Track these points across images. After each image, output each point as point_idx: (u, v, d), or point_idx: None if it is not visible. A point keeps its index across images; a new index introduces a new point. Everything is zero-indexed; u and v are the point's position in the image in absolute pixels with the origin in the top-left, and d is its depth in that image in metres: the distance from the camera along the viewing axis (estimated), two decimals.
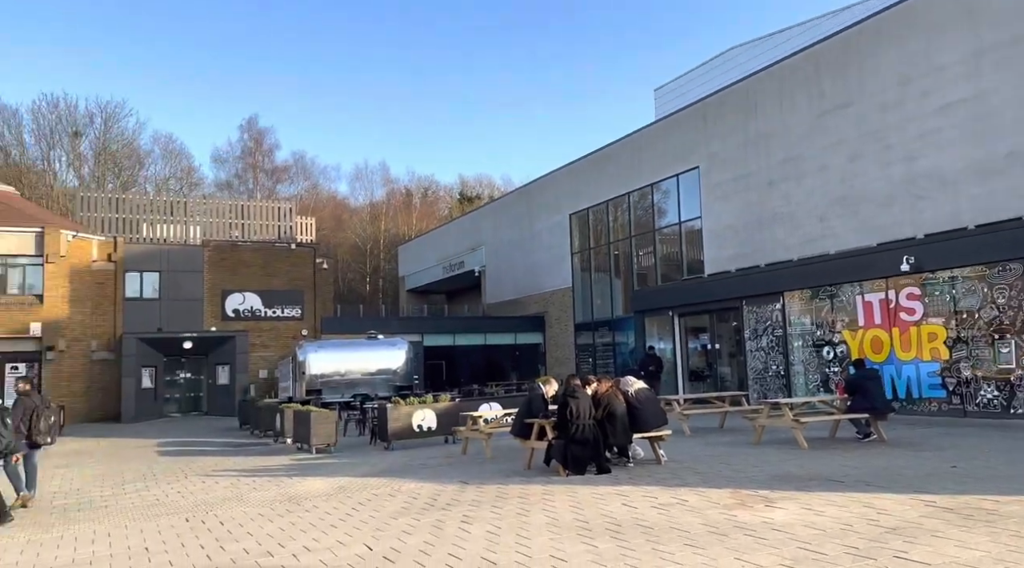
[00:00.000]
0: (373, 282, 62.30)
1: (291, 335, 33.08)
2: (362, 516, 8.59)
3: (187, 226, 36.67)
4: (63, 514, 9.75)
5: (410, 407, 15.65)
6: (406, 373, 27.17)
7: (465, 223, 45.50)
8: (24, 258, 28.59)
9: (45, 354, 28.24)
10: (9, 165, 48.19)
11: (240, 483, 11.77)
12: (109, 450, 18.32)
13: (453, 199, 71.35)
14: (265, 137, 63.75)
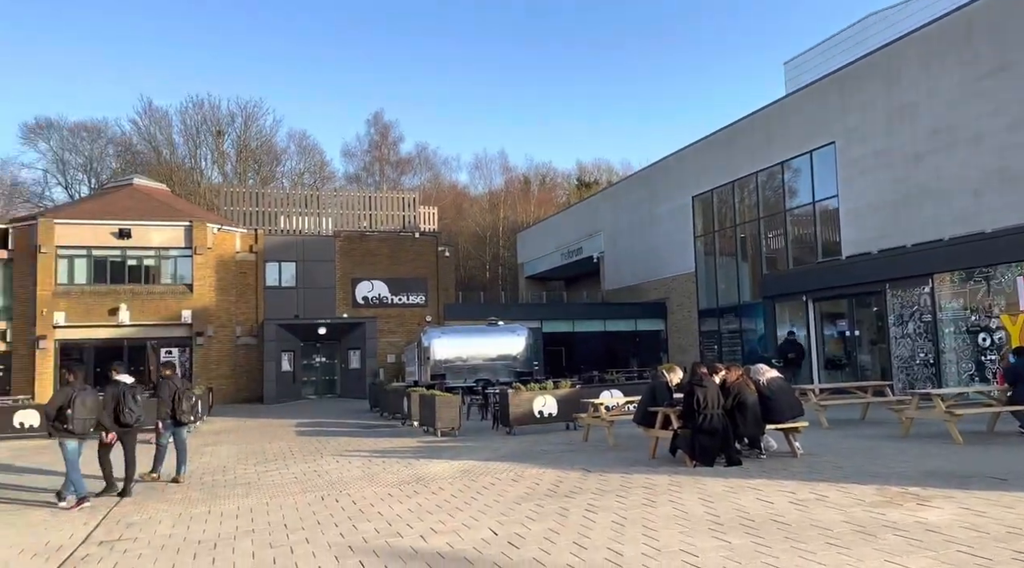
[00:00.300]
0: (492, 269, 63.13)
1: (416, 321, 34.09)
2: (486, 500, 8.63)
3: (320, 218, 38.52)
4: (211, 490, 10.41)
5: (531, 393, 15.66)
6: (526, 359, 27.32)
7: (583, 209, 45.14)
8: (175, 250, 30.96)
9: (195, 339, 30.51)
10: (161, 164, 52.30)
11: (371, 463, 12.17)
12: (252, 429, 19.51)
13: (571, 185, 71.04)
14: (390, 130, 65.90)
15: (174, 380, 11.75)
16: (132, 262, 30.59)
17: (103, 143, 57.81)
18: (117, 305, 29.40)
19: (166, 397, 11.46)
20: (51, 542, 7.49)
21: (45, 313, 28.49)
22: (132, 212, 31.07)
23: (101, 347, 29.57)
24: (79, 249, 29.72)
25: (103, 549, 7.13)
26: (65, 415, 9.48)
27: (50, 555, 6.95)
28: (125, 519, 8.52)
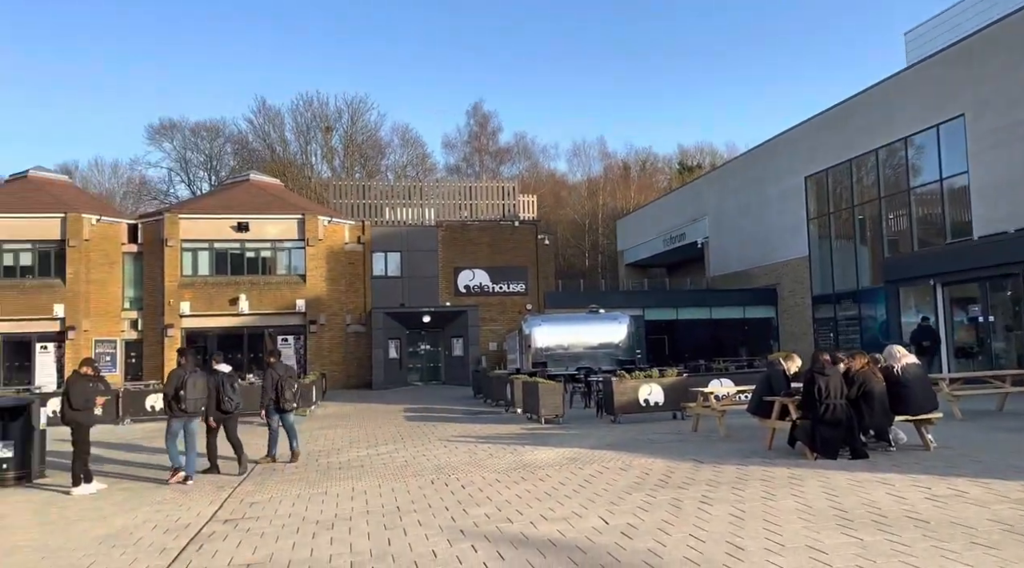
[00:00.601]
0: (592, 257, 62.61)
1: (517, 309, 34.21)
2: (595, 488, 8.48)
3: (423, 208, 39.29)
4: (326, 472, 10.74)
5: (636, 381, 15.34)
6: (628, 347, 26.93)
7: (686, 193, 43.97)
8: (289, 242, 32.31)
9: (309, 327, 31.79)
10: (274, 160, 54.77)
11: (477, 449, 12.25)
12: (363, 414, 20.12)
13: (672, 170, 69.42)
14: (489, 121, 66.43)
15: (277, 369, 12.17)
16: (250, 254, 32.17)
17: (221, 142, 61.20)
18: (237, 295, 31.00)
19: (268, 385, 11.94)
20: (180, 519, 7.90)
21: (172, 303, 30.40)
22: (249, 206, 32.64)
23: (223, 335, 31.29)
24: (202, 242, 31.50)
25: (228, 527, 7.45)
26: (179, 396, 10.14)
27: (179, 532, 7.32)
28: (248, 499, 8.90)
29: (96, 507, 8.65)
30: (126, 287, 31.61)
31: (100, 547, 6.77)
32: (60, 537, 7.16)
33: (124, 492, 9.61)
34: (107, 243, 31.13)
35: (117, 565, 6.17)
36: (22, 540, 7.14)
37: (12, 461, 10.30)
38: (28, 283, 29.68)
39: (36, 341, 29.55)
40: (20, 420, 10.46)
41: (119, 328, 31.11)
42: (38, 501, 9.18)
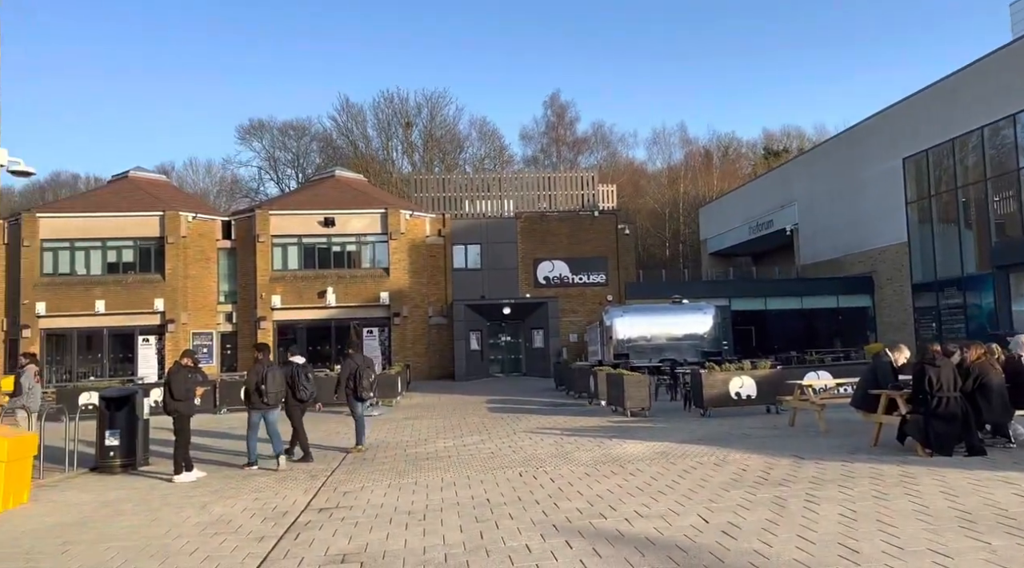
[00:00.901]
0: (673, 246, 61.36)
1: (597, 300, 33.83)
2: (689, 484, 8.18)
3: (501, 200, 39.34)
4: (415, 462, 10.80)
5: (727, 373, 14.83)
6: (714, 338, 26.18)
7: (773, 178, 42.43)
8: (373, 236, 32.93)
9: (393, 319, 32.35)
10: (357, 157, 56.00)
11: (563, 441, 12.09)
12: (447, 405, 20.28)
13: (757, 155, 67.21)
14: (567, 111, 65.92)
15: (355, 358, 12.42)
16: (336, 248, 32.95)
17: (307, 140, 63.04)
18: (324, 288, 31.83)
19: (345, 375, 12.24)
20: (277, 507, 8.06)
21: (264, 296, 31.47)
22: (335, 202, 33.43)
23: (311, 327, 32.22)
24: (291, 237, 32.48)
25: (323, 516, 7.54)
26: (261, 389, 10.57)
27: (276, 520, 7.46)
28: (341, 488, 9.02)
29: (197, 494, 8.94)
30: (221, 281, 32.91)
31: (202, 534, 6.95)
32: (164, 524, 7.41)
33: (223, 480, 9.91)
34: (203, 239, 32.48)
35: (219, 552, 6.31)
36: (128, 526, 7.42)
37: (119, 449, 10.79)
38: (130, 278, 31.28)
39: (138, 334, 31.13)
40: (125, 410, 10.94)
41: (215, 321, 32.45)
42: (143, 488, 9.57)
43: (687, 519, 6.65)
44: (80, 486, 9.74)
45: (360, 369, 12.22)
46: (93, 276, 31.11)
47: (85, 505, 8.44)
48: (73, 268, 31.15)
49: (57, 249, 30.98)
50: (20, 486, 8.40)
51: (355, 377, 12.14)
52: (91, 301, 30.38)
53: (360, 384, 12.13)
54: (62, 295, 30.32)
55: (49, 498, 8.88)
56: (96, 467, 10.88)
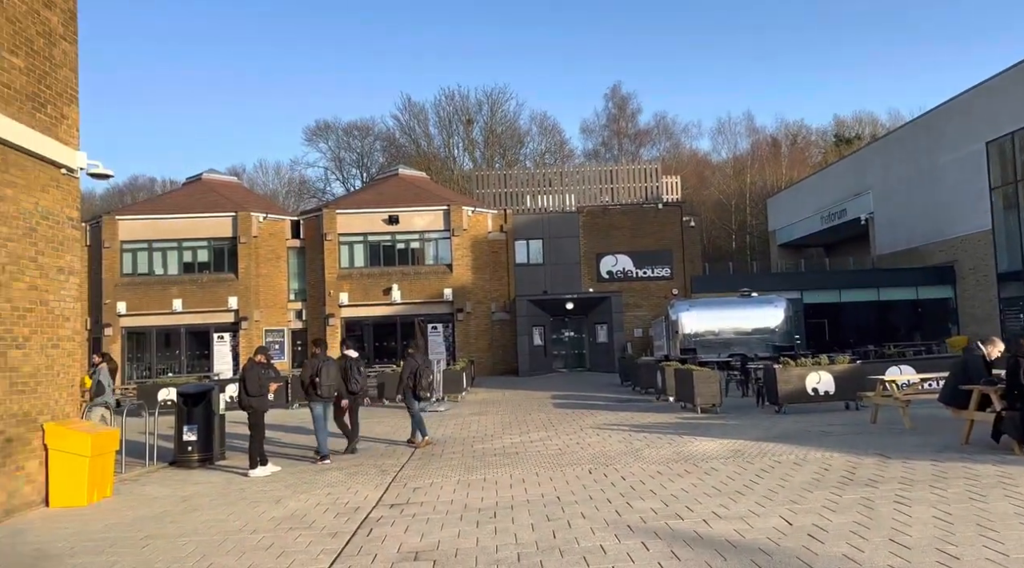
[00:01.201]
0: (739, 238, 59.93)
1: (662, 294, 33.27)
2: (768, 484, 7.86)
3: (563, 195, 39.06)
4: (482, 458, 10.75)
5: (803, 368, 14.31)
6: (786, 332, 25.41)
7: (846, 166, 40.91)
8: (436, 233, 33.17)
9: (456, 315, 32.52)
10: (420, 155, 56.52)
11: (632, 438, 11.85)
12: (512, 400, 20.23)
13: (827, 143, 65.00)
14: (628, 103, 65.07)
15: (416, 358, 12.70)
16: (400, 246, 33.33)
17: (371, 140, 64.00)
18: (389, 285, 32.23)
19: (406, 373, 12.52)
20: (349, 502, 8.10)
21: (332, 294, 32.06)
22: (398, 200, 33.80)
23: (378, 323, 32.67)
24: (356, 236, 32.99)
25: (394, 512, 7.55)
26: (315, 382, 11.01)
27: (349, 515, 7.49)
28: (410, 484, 9.02)
29: (271, 489, 9.09)
30: (291, 280, 33.70)
31: (277, 529, 7.03)
32: (240, 519, 7.53)
33: (296, 474, 10.06)
34: (273, 239, 33.30)
35: (293, 548, 6.35)
36: (206, 520, 7.57)
37: (196, 444, 11.08)
38: (205, 278, 32.32)
39: (213, 331, 32.13)
40: (201, 406, 11.22)
41: (286, 318, 33.25)
42: (219, 482, 9.79)
43: (769, 521, 6.37)
44: (159, 480, 10.04)
45: (420, 368, 12.54)
46: (170, 276, 32.27)
47: (164, 499, 8.67)
48: (151, 268, 32.38)
49: (136, 250, 32.23)
50: (104, 480, 8.68)
51: (415, 376, 12.42)
52: (168, 300, 31.51)
53: (419, 383, 12.38)
54: (141, 294, 31.54)
55: (131, 492, 9.17)
56: (175, 461, 11.21)
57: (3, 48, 7.81)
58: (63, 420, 8.58)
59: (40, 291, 8.33)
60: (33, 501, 8.11)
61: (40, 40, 8.45)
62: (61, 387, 8.65)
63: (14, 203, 7.94)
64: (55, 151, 8.60)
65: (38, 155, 8.31)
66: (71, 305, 8.87)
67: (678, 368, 16.81)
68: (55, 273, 8.62)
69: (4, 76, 7.82)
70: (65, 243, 8.84)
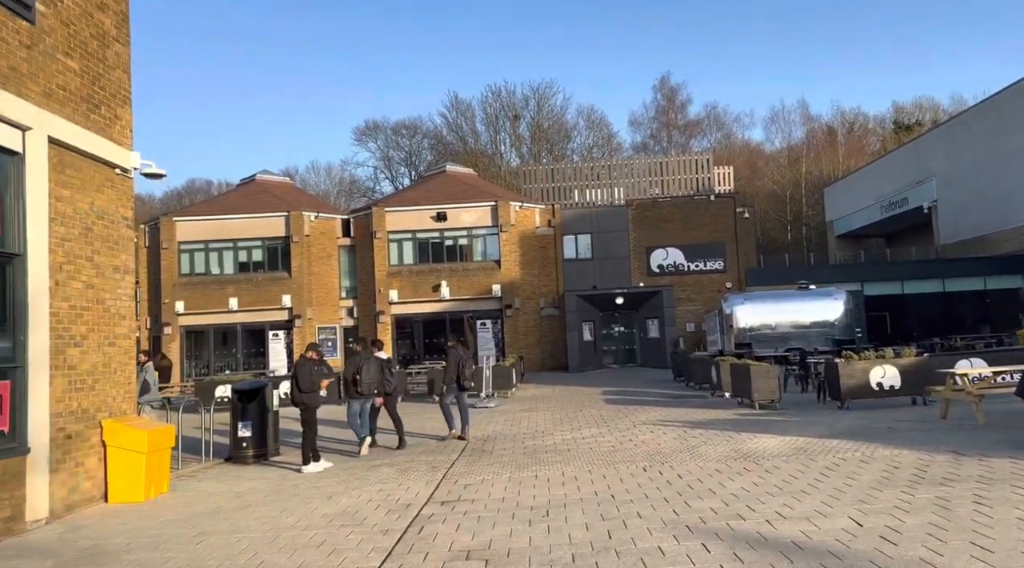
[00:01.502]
0: (795, 230, 58.43)
1: (715, 288, 32.60)
2: (834, 483, 7.50)
3: (612, 188, 38.59)
4: (533, 454, 10.58)
5: (867, 362, 13.74)
6: (846, 325, 24.59)
7: (907, 153, 39.45)
8: (483, 229, 33.13)
9: (505, 311, 32.44)
10: (467, 152, 56.67)
11: (687, 435, 11.54)
12: (562, 396, 20.02)
13: (886, 130, 62.89)
14: (677, 93, 64.10)
15: (458, 349, 12.90)
16: (448, 242, 33.40)
17: (419, 138, 64.46)
18: (438, 282, 32.34)
19: (452, 365, 12.67)
20: (400, 499, 8.02)
21: (382, 291, 32.33)
22: (446, 197, 33.87)
23: (427, 320, 32.83)
24: (405, 233, 33.18)
25: (445, 509, 7.43)
26: (356, 379, 11.28)
27: (400, 512, 7.40)
28: (461, 480, 8.91)
29: (324, 485, 9.08)
30: (342, 277, 34.11)
31: (329, 526, 6.98)
32: (292, 515, 7.52)
33: (348, 470, 10.05)
34: (324, 238, 33.74)
35: (345, 545, 6.29)
36: (260, 517, 7.58)
37: (251, 440, 11.18)
38: (260, 277, 32.92)
39: (268, 329, 32.72)
40: (256, 402, 11.32)
41: (338, 316, 33.65)
42: (273, 478, 9.84)
43: (837, 521, 6.05)
44: (215, 476, 10.15)
45: (463, 359, 12.74)
46: (226, 275, 32.97)
47: (219, 495, 8.74)
48: (208, 268, 33.13)
49: (193, 250, 33.02)
50: (160, 476, 8.80)
51: (460, 367, 12.62)
52: (225, 299, 32.20)
53: (462, 374, 12.60)
54: (198, 294, 32.30)
55: (187, 487, 9.28)
56: (230, 457, 11.33)
57: (58, 51, 7.94)
58: (120, 417, 8.71)
59: (96, 290, 8.46)
60: (93, 497, 8.25)
61: (94, 42, 8.58)
62: (118, 384, 8.78)
63: (70, 203, 8.08)
64: (109, 151, 8.73)
65: (93, 156, 8.44)
66: (126, 303, 9.01)
67: (734, 363, 16.37)
68: (111, 272, 8.75)
69: (60, 78, 7.95)
70: (120, 242, 8.97)
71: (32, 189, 7.40)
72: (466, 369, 12.67)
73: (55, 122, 7.74)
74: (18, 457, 7.06)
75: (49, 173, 7.68)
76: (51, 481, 7.48)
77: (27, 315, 7.27)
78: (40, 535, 7.04)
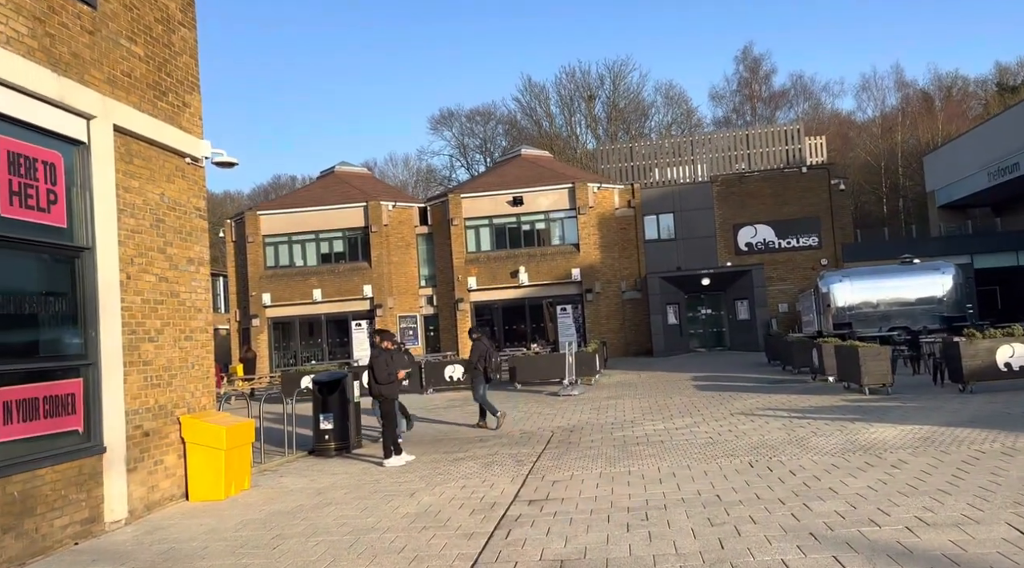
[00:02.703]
0: (891, 202, 55.13)
1: (810, 266, 30.90)
2: (977, 480, 6.53)
3: (694, 165, 37.14)
4: (623, 447, 9.90)
5: (992, 340, 12.40)
6: (955, 301, 22.72)
7: (1017, 115, 36.23)
8: (561, 212, 32.37)
9: (585, 296, 31.65)
10: (542, 136, 55.85)
11: (793, 424, 10.60)
12: (649, 383, 19.18)
13: (988, 93, 58.47)
14: (761, 64, 61.31)
15: (483, 342, 13.03)
16: (526, 227, 32.81)
17: (493, 124, 64.04)
18: (516, 268, 31.81)
19: (475, 357, 12.75)
20: (484, 497, 7.50)
21: (460, 279, 32.08)
22: (522, 181, 33.25)
23: (506, 307, 32.41)
24: (482, 219, 32.78)
25: (534, 509, 6.86)
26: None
27: (485, 512, 6.87)
28: (548, 476, 8.33)
29: (406, 480, 8.67)
30: (421, 266, 34.06)
31: (411, 528, 6.52)
32: (373, 515, 7.10)
33: (431, 464, 9.63)
34: (402, 227, 33.74)
35: (427, 551, 5.79)
36: (340, 517, 7.20)
37: (332, 433, 10.92)
38: (341, 267, 33.22)
39: (351, 319, 32.98)
40: (336, 394, 11.05)
41: (418, 304, 33.65)
42: (355, 472, 9.51)
43: (993, 529, 5.15)
44: (297, 470, 9.90)
45: (489, 352, 12.90)
46: (309, 267, 33.43)
47: (300, 492, 8.44)
48: (292, 260, 33.68)
49: (277, 243, 33.60)
50: (241, 472, 8.57)
51: (486, 358, 12.71)
52: (309, 290, 32.64)
53: (489, 365, 12.77)
54: (284, 286, 32.86)
55: (268, 484, 9.04)
56: (313, 450, 11.12)
57: (121, 35, 7.70)
58: (199, 412, 8.52)
59: (170, 283, 8.26)
60: (174, 495, 8.08)
61: (159, 27, 8.34)
62: (196, 379, 8.59)
63: (140, 194, 7.87)
64: (178, 140, 8.50)
65: (161, 144, 8.22)
66: (202, 296, 8.80)
67: (839, 345, 15.17)
68: (185, 264, 8.54)
69: (124, 64, 7.72)
70: (193, 233, 8.75)
71: (99, 180, 7.18)
72: (492, 360, 12.98)
73: (120, 110, 7.51)
74: (94, 457, 6.88)
75: (116, 163, 7.46)
76: (129, 480, 7.30)
77: (98, 310, 7.07)
78: (118, 537, 6.85)
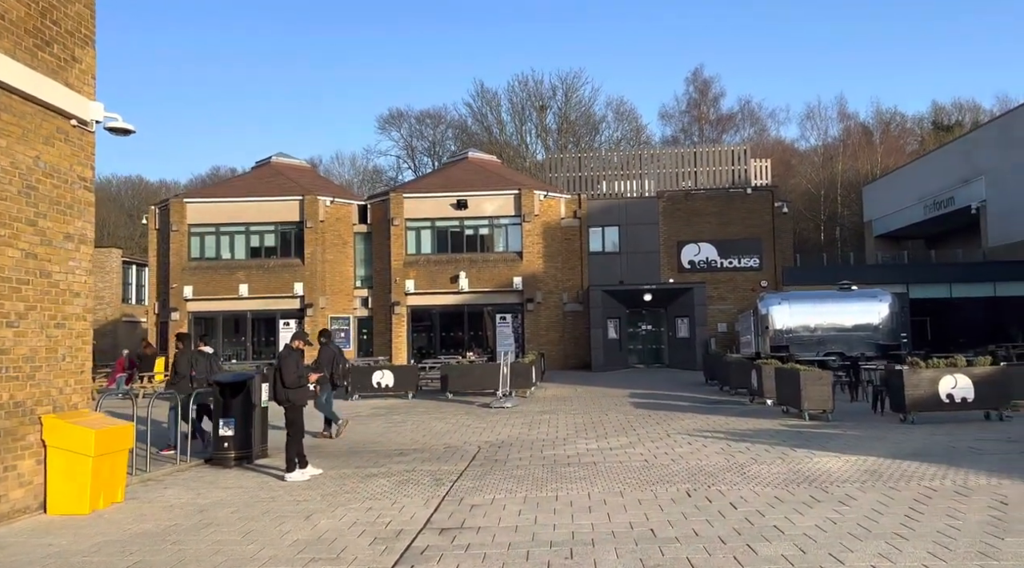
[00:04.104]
0: (828, 230, 56.28)
1: (750, 287, 30.89)
2: (934, 523, 5.96)
3: (641, 180, 36.94)
4: (553, 468, 9.11)
5: (936, 371, 12.09)
6: (890, 330, 22.74)
7: (953, 152, 37.27)
8: (506, 218, 31.62)
9: (526, 305, 30.93)
10: (492, 142, 55.13)
11: (732, 449, 10.00)
12: (585, 398, 18.51)
13: (924, 130, 60.52)
14: (711, 86, 61.99)
15: (331, 346, 12.51)
16: (469, 232, 31.93)
17: (443, 128, 63.03)
18: (457, 273, 30.88)
19: (325, 361, 12.15)
20: (391, 523, 6.59)
21: (398, 281, 30.97)
22: (468, 184, 32.36)
23: (445, 312, 31.43)
24: (424, 221, 31.77)
25: (444, 540, 5.99)
26: None
27: (388, 542, 5.97)
28: (467, 499, 7.46)
29: (305, 499, 7.68)
30: (357, 266, 32.78)
31: (295, 560, 5.56)
32: (256, 541, 6.10)
33: (338, 480, 8.65)
34: (340, 224, 32.44)
35: None
36: (216, 543, 6.18)
37: (233, 440, 9.82)
38: (271, 263, 31.72)
39: (279, 317, 31.49)
40: (240, 397, 9.96)
41: (352, 305, 32.36)
42: (251, 487, 8.45)
43: None
44: (185, 482, 8.78)
45: (337, 356, 12.43)
46: (237, 260, 31.79)
47: (179, 508, 7.35)
48: (219, 252, 31.97)
49: (203, 234, 31.87)
50: (113, 483, 7.45)
51: (332, 364, 12.16)
52: (235, 285, 31.02)
53: (336, 371, 12.24)
54: (208, 279, 31.15)
55: (146, 496, 7.91)
56: (210, 459, 9.99)
57: None
58: (68, 412, 7.37)
59: (40, 260, 7.12)
60: (28, 507, 6.93)
61: None
62: (67, 373, 7.45)
63: (7, 155, 6.74)
64: (62, 98, 7.38)
65: (39, 101, 7.10)
66: (81, 278, 7.67)
67: (780, 367, 14.77)
68: (61, 240, 7.41)
69: None
70: (75, 206, 7.63)
71: None
72: (340, 365, 12.42)
73: None
74: None
75: None
76: None
77: None
78: None
